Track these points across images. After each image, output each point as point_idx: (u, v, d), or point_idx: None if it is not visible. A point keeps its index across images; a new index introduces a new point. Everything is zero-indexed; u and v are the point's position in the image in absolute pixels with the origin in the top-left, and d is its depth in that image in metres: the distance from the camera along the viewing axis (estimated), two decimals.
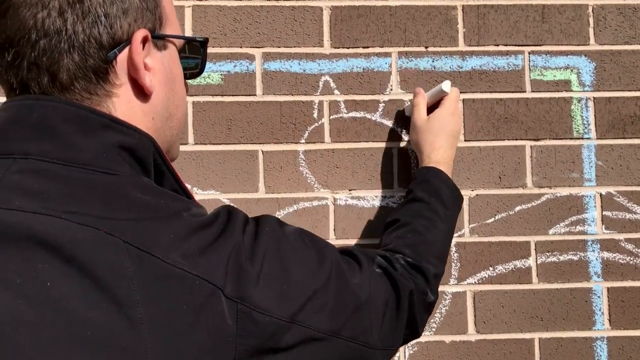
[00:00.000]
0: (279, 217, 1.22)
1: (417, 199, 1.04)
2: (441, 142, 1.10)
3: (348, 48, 1.25)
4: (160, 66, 0.65)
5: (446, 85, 1.14)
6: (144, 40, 0.61)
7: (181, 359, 0.51)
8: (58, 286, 0.48)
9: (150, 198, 0.57)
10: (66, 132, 0.56)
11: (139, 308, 0.50)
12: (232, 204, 1.22)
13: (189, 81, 0.74)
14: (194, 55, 0.73)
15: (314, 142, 1.24)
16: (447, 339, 1.23)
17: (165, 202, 0.58)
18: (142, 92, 0.63)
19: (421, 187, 1.05)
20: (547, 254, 1.25)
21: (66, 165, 0.55)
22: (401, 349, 1.21)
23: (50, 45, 0.57)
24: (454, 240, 1.23)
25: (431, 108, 1.16)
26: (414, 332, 0.87)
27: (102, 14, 0.58)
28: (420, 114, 1.15)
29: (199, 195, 1.22)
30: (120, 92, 0.61)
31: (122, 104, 0.61)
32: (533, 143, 1.26)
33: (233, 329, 0.55)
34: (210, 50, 1.23)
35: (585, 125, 1.27)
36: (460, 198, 1.08)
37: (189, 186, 1.21)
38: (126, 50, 0.60)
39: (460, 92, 1.25)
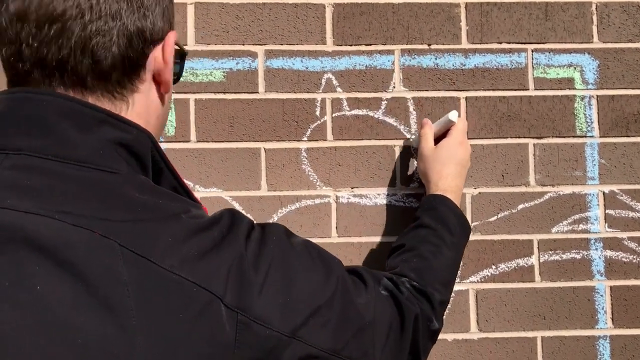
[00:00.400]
0: (281, 215, 1.22)
1: (424, 225, 1.03)
2: (449, 170, 1.10)
3: (350, 45, 1.25)
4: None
5: (453, 115, 1.13)
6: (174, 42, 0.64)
7: None
8: (50, 290, 0.47)
9: (148, 197, 0.56)
10: (61, 127, 0.54)
11: (132, 315, 0.48)
12: (234, 203, 1.23)
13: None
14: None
15: (317, 140, 1.24)
16: (450, 337, 1.23)
17: (164, 202, 0.56)
18: (158, 91, 0.64)
19: (428, 214, 1.04)
20: (550, 252, 1.24)
21: (61, 162, 0.53)
22: None
23: (103, 30, 0.56)
24: None
25: (438, 139, 1.16)
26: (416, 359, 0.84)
27: (151, 10, 0.59)
28: (427, 144, 1.14)
29: (200, 192, 1.21)
30: (143, 88, 0.62)
31: (141, 100, 0.62)
32: (536, 141, 1.26)
33: (231, 339, 0.53)
34: (212, 47, 1.23)
35: (589, 124, 1.26)
36: (467, 226, 1.07)
37: (190, 184, 1.20)
38: (158, 49, 0.62)
39: (463, 90, 1.25)
